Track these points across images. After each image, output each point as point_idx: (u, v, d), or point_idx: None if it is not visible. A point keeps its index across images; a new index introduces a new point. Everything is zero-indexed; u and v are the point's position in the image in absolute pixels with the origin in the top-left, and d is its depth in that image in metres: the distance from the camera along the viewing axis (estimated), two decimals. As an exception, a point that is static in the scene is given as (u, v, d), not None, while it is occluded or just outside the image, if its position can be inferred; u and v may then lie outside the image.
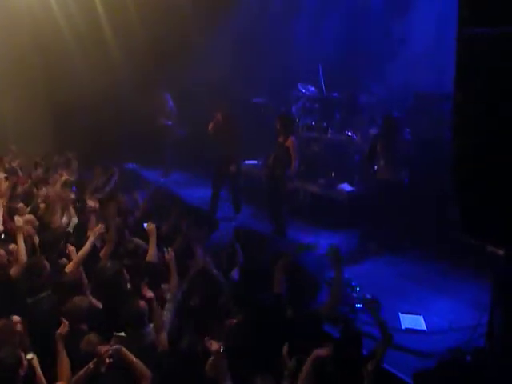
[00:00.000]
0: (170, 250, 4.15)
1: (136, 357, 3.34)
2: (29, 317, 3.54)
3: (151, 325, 3.60)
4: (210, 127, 7.96)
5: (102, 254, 4.65)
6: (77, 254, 4.44)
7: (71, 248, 4.47)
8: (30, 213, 5.67)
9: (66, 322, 3.25)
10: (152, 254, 4.53)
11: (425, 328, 4.78)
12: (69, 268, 4.26)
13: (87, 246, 4.45)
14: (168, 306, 3.77)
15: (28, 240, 4.73)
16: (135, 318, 3.52)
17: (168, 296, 3.84)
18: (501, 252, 3.88)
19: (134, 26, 10.05)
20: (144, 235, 5.07)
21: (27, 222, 5.12)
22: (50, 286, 3.95)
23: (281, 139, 6.68)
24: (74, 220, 5.66)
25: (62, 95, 9.95)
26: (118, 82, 10.00)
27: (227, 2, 9.80)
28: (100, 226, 4.75)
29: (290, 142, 6.53)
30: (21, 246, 4.32)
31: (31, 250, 4.65)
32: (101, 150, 9.70)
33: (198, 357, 3.24)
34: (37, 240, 4.78)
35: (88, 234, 4.85)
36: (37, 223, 5.30)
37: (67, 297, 3.64)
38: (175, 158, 10.42)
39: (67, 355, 3.24)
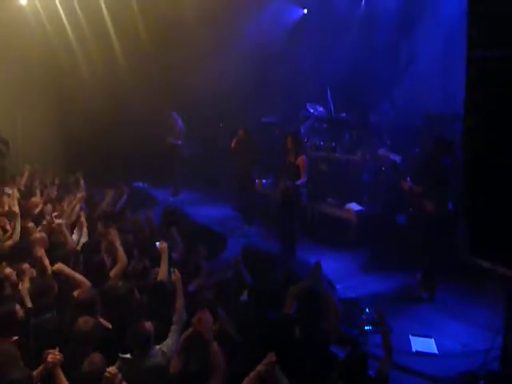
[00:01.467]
0: (175, 270, 4.12)
1: (141, 379, 3.32)
2: (32, 337, 3.52)
3: (157, 346, 3.57)
4: (232, 143, 8.45)
5: (112, 273, 4.64)
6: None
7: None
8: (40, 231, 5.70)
9: (56, 351, 3.20)
10: (163, 272, 4.53)
11: (436, 351, 4.70)
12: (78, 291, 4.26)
13: None
14: (174, 327, 3.73)
15: (38, 260, 4.76)
16: (141, 339, 3.50)
17: (174, 317, 3.81)
18: (513, 274, 3.82)
19: (146, 51, 10.31)
20: (154, 254, 5.10)
21: (38, 240, 5.15)
22: (56, 307, 3.93)
23: (291, 158, 6.70)
24: (84, 239, 5.68)
25: (73, 115, 10.11)
26: (129, 103, 10.15)
27: (236, 24, 9.98)
28: None
29: (301, 160, 6.56)
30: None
31: (40, 269, 4.65)
32: (110, 169, 9.80)
33: (207, 378, 3.20)
34: (47, 260, 4.78)
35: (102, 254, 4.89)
36: (47, 242, 5.30)
37: (76, 318, 3.62)
38: (184, 177, 10.50)
39: (71, 377, 3.21)
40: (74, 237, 5.61)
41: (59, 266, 4.45)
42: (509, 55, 2.57)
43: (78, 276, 4.41)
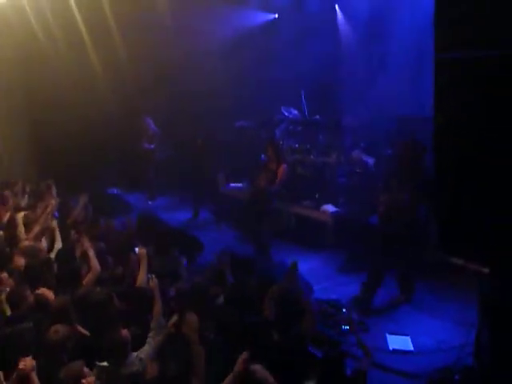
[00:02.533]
0: (153, 276, 4.10)
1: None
2: (6, 347, 3.44)
3: (135, 354, 3.53)
4: (193, 151, 8.87)
5: (85, 281, 4.56)
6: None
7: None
8: (11, 239, 5.56)
9: (29, 358, 3.12)
10: (142, 278, 4.47)
11: (412, 348, 4.77)
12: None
13: None
14: (152, 333, 3.70)
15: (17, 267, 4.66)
16: (118, 346, 3.44)
17: (152, 324, 3.77)
18: (485, 270, 3.92)
19: (121, 58, 10.20)
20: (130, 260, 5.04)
21: (22, 248, 5.02)
22: (32, 317, 3.84)
23: (272, 166, 6.76)
24: (57, 246, 5.56)
25: (44, 119, 9.89)
26: (103, 108, 10.02)
27: (209, 25, 9.98)
28: None
29: (282, 169, 6.70)
30: None
31: (19, 277, 4.56)
32: (84, 175, 9.64)
33: (185, 382, 3.18)
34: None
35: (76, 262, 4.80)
36: (29, 249, 5.14)
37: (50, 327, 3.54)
38: (160, 181, 10.42)
39: None
40: (44, 243, 5.49)
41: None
42: (473, 57, 2.66)
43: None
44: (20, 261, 4.80)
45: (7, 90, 9.89)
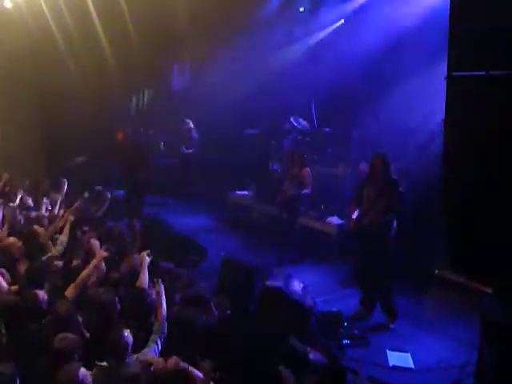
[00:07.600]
0: (158, 280, 4.10)
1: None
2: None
3: (135, 355, 3.53)
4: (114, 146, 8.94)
5: (89, 282, 4.57)
6: None
7: None
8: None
9: None
10: (143, 279, 4.48)
11: (412, 366, 4.73)
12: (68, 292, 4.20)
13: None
14: (154, 337, 3.70)
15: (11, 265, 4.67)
16: (118, 347, 3.45)
17: (154, 327, 3.77)
18: (488, 290, 3.90)
19: (137, 61, 10.27)
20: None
21: (11, 245, 5.04)
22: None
23: (294, 171, 7.11)
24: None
25: (57, 119, 9.97)
26: (116, 110, 10.09)
27: (225, 34, 10.04)
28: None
29: (306, 172, 7.11)
30: None
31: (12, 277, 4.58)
32: (93, 176, 9.70)
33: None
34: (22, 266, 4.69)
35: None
36: (21, 246, 5.15)
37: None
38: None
39: None
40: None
41: None
42: (486, 76, 2.67)
43: None
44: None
45: (19, 89, 9.99)
